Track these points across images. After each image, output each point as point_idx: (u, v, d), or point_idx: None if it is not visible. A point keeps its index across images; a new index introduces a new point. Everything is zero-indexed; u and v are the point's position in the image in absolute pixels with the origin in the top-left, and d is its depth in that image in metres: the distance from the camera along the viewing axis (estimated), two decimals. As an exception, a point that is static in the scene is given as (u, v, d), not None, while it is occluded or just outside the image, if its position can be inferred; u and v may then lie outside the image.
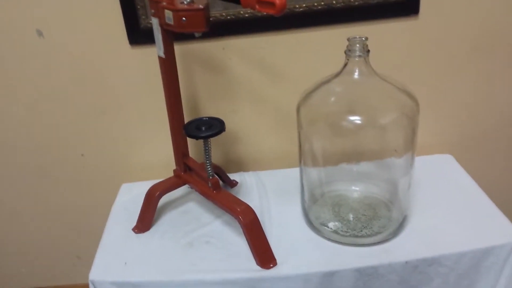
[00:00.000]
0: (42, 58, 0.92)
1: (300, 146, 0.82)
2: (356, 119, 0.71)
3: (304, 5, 0.88)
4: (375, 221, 0.80)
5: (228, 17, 0.89)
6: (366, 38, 0.70)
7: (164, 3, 0.67)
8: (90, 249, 1.03)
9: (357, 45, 0.70)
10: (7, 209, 1.10)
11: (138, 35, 0.89)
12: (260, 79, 0.96)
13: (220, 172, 0.96)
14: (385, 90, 0.73)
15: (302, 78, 0.95)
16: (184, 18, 0.65)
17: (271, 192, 0.95)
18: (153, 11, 0.72)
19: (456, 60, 0.96)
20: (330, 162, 0.85)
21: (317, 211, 0.85)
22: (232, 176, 1.01)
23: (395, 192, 0.84)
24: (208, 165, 0.79)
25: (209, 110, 0.99)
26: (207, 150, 0.78)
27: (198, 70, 0.95)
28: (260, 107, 1.00)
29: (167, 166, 0.97)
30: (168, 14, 0.66)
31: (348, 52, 0.71)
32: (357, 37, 0.70)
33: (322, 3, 0.89)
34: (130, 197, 0.97)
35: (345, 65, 0.73)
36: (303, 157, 0.83)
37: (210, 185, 0.80)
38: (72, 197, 1.08)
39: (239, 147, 1.04)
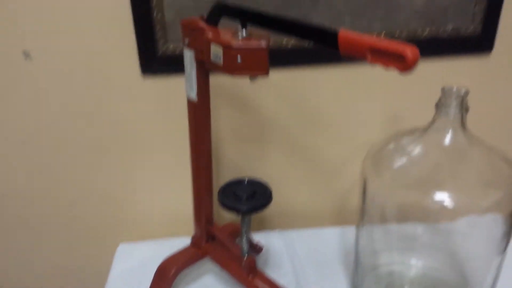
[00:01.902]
0: (29, 84, 0.72)
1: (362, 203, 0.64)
2: (443, 200, 0.54)
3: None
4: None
5: (267, 48, 0.71)
6: (467, 92, 0.54)
7: (210, 34, 0.49)
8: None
9: (455, 100, 0.54)
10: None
11: (153, 63, 0.71)
12: (297, 121, 0.79)
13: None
14: (485, 162, 0.56)
15: (349, 124, 0.79)
16: (240, 58, 0.47)
17: (306, 261, 0.77)
18: (187, 40, 0.54)
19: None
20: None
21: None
22: (255, 235, 0.82)
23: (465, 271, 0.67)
24: (244, 242, 0.61)
25: (231, 154, 0.81)
26: (245, 224, 0.60)
27: (223, 106, 0.77)
28: (293, 155, 0.82)
29: (176, 221, 0.81)
30: (216, 50, 0.48)
31: (442, 107, 0.55)
32: (455, 88, 0.54)
33: (384, 32, 0.73)
34: (131, 264, 0.77)
35: (433, 122, 0.57)
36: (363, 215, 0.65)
37: (243, 265, 0.62)
38: (57, 257, 0.87)
39: (263, 200, 0.87)
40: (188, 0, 0.67)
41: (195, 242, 0.69)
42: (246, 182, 0.61)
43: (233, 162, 0.81)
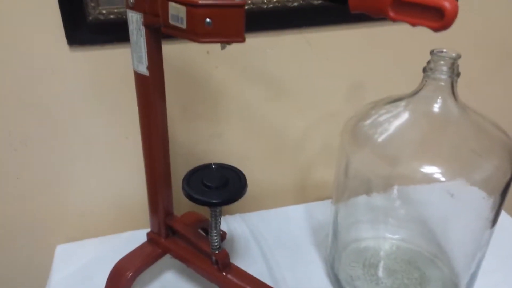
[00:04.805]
0: None
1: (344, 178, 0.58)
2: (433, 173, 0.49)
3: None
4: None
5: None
6: (459, 56, 0.48)
7: (167, -9, 0.39)
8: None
9: (444, 64, 0.48)
10: None
11: (82, 31, 0.59)
12: (253, 93, 0.71)
13: (203, 222, 0.69)
14: (477, 132, 0.52)
15: (309, 92, 0.73)
16: (208, 20, 0.37)
17: (274, 245, 0.71)
18: (132, 1, 0.43)
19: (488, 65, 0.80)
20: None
21: (348, 274, 0.63)
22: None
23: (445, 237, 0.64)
24: (215, 236, 0.53)
25: (184, 134, 0.71)
26: (215, 217, 0.52)
27: (171, 80, 0.66)
28: (251, 130, 0.75)
29: (119, 213, 0.71)
30: (177, 10, 0.38)
31: (430, 72, 0.49)
32: (445, 51, 0.48)
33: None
34: (73, 269, 0.65)
35: (420, 89, 0.51)
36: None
37: (214, 261, 0.54)
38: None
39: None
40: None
41: (152, 238, 0.60)
42: (213, 167, 0.52)
43: (185, 144, 0.72)
